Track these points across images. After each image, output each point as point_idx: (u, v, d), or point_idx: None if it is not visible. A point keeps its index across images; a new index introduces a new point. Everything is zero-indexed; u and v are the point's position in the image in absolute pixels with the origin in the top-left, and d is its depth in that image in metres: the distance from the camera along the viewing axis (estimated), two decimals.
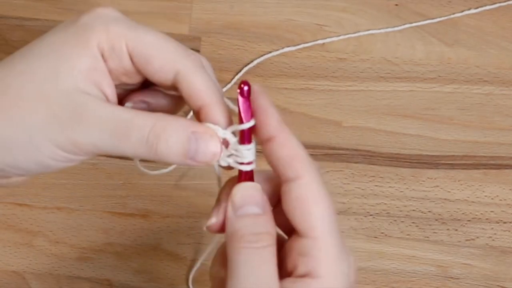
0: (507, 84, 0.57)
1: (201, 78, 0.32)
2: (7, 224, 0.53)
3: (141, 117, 0.31)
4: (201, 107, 0.32)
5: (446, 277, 0.53)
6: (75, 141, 0.31)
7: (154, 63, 0.32)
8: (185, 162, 0.32)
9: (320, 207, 0.31)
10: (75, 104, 0.31)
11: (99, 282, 0.52)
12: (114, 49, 0.31)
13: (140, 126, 0.31)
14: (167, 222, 0.53)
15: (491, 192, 0.55)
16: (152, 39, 0.32)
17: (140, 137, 0.31)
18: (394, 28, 0.58)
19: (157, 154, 0.31)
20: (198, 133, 0.31)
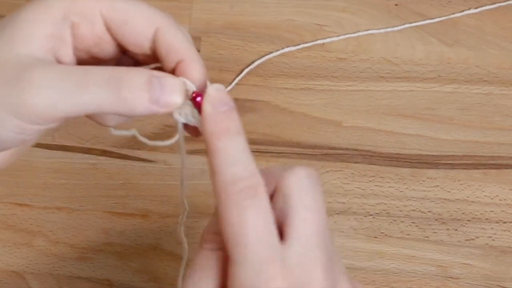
0: (507, 84, 0.57)
1: (181, 34, 0.32)
2: (7, 224, 0.53)
3: (98, 68, 0.30)
4: (179, 62, 0.32)
5: (446, 277, 0.53)
6: (29, 106, 0.29)
7: (133, 24, 0.31)
8: (151, 109, 0.30)
9: None
10: (26, 67, 0.30)
11: (99, 282, 0.52)
12: (85, 15, 0.31)
13: (98, 73, 0.30)
14: (167, 222, 0.53)
15: (491, 192, 0.55)
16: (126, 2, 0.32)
17: (100, 83, 0.30)
18: (393, 28, 0.58)
19: (121, 98, 0.30)
20: (160, 77, 0.31)
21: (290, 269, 0.29)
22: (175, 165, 0.54)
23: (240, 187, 0.29)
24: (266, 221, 0.29)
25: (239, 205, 0.29)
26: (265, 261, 0.29)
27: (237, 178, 0.30)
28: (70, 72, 0.30)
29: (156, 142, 0.41)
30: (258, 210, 0.29)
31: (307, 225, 0.30)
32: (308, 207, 0.30)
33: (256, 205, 0.29)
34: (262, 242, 0.29)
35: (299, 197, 0.30)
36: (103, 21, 0.31)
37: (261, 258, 0.29)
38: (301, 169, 0.31)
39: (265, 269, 0.28)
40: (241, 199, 0.29)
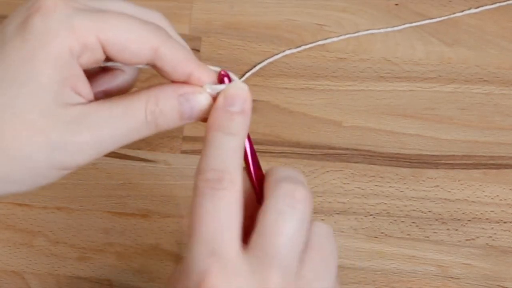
0: (507, 84, 0.57)
1: (180, 48, 0.32)
2: (7, 224, 0.53)
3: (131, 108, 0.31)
4: (189, 75, 0.32)
5: (446, 277, 0.53)
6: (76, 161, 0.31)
7: (131, 48, 0.31)
8: (185, 122, 0.33)
9: None
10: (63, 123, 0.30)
11: (99, 282, 0.52)
12: (86, 45, 0.30)
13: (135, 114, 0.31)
14: (167, 222, 0.53)
15: (491, 192, 0.55)
16: (120, 23, 0.31)
17: (141, 127, 0.31)
18: (394, 28, 0.58)
19: (158, 128, 0.32)
20: (186, 94, 0.32)
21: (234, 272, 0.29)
22: (175, 165, 0.54)
23: (207, 177, 0.30)
24: (225, 215, 0.30)
25: (203, 192, 0.30)
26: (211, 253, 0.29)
27: (208, 168, 0.31)
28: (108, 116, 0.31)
29: None
30: (220, 203, 0.30)
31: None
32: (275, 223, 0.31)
33: (219, 198, 0.30)
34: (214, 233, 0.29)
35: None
36: (101, 47, 0.31)
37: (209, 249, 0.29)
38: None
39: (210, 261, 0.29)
40: (207, 187, 0.30)
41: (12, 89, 0.30)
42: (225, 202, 0.30)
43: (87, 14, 0.30)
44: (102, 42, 0.31)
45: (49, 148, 0.30)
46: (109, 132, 0.31)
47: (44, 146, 0.30)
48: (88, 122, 0.30)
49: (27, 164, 0.30)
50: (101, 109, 0.31)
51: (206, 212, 0.29)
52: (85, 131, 0.30)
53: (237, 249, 0.30)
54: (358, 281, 0.53)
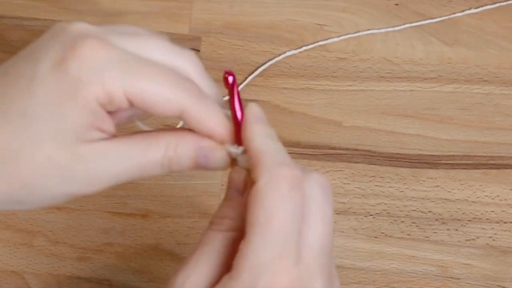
0: (507, 84, 0.57)
1: (206, 113, 0.32)
2: (7, 224, 0.53)
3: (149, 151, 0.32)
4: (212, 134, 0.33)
5: (446, 277, 0.53)
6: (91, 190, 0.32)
7: (156, 108, 0.31)
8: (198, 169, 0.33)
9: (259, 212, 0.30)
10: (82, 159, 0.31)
11: (99, 282, 0.52)
12: (112, 100, 0.31)
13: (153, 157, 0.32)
14: (167, 222, 0.53)
15: (492, 192, 0.55)
16: (150, 83, 0.31)
17: (156, 168, 0.33)
18: (394, 28, 0.58)
19: (170, 171, 0.33)
20: (205, 148, 0.33)
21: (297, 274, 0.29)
22: None
23: (287, 174, 0.30)
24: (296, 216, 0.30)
25: (281, 191, 0.30)
26: (282, 253, 0.29)
27: (286, 163, 0.31)
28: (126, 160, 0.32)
29: None
30: (295, 202, 0.30)
31: (320, 237, 0.30)
32: (323, 219, 0.31)
33: (296, 198, 0.30)
34: (285, 234, 0.29)
35: (317, 208, 0.31)
36: (127, 99, 0.31)
37: (280, 249, 0.29)
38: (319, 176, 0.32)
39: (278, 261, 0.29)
40: (285, 187, 0.30)
41: (36, 125, 0.30)
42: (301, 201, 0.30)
43: (118, 67, 0.31)
44: (129, 99, 0.31)
45: (64, 181, 0.31)
46: (124, 170, 0.32)
47: (59, 178, 0.31)
48: (105, 159, 0.31)
49: (40, 192, 0.31)
50: (119, 147, 0.32)
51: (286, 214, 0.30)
52: (100, 167, 0.31)
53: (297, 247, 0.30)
54: (358, 281, 0.53)
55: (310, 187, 0.31)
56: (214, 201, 0.53)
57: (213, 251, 0.31)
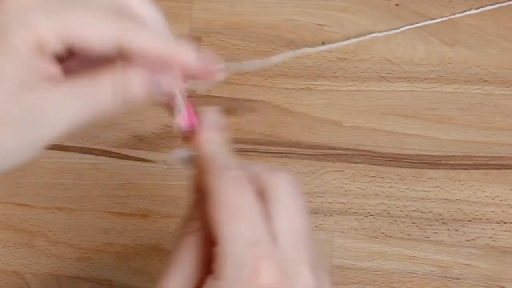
0: (508, 84, 0.57)
1: (144, 32, 0.32)
2: (7, 224, 0.53)
3: (98, 82, 0.31)
4: (163, 57, 0.32)
5: (446, 277, 0.53)
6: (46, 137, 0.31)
7: (92, 47, 0.31)
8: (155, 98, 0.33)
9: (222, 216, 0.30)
10: (27, 105, 0.30)
11: (99, 282, 0.52)
12: (44, 46, 0.30)
13: (103, 91, 0.31)
14: (167, 222, 0.53)
15: (492, 192, 0.55)
16: (81, 22, 0.31)
17: (108, 101, 0.31)
18: (397, 30, 0.58)
19: (127, 107, 0.32)
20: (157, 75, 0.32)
21: (278, 261, 0.30)
22: (175, 165, 0.54)
23: (235, 174, 0.31)
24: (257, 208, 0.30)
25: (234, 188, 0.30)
26: (256, 241, 0.30)
27: (231, 167, 0.32)
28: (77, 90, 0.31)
29: None
30: (251, 197, 0.30)
31: (293, 225, 0.31)
32: (293, 210, 0.31)
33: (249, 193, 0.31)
34: (254, 224, 0.30)
35: (285, 200, 0.31)
36: (59, 40, 0.31)
37: (253, 238, 0.30)
38: (284, 173, 0.32)
39: (255, 249, 0.29)
40: (236, 183, 0.30)
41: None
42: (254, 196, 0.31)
43: (47, 10, 0.30)
44: (61, 40, 0.30)
45: (17, 131, 0.31)
46: (75, 110, 0.31)
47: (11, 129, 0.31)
48: (53, 103, 0.31)
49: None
50: (66, 88, 0.31)
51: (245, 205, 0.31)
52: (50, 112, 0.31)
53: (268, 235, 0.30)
54: (358, 281, 0.53)
55: (276, 182, 0.32)
56: None
57: (189, 252, 0.31)
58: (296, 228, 0.31)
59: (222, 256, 0.30)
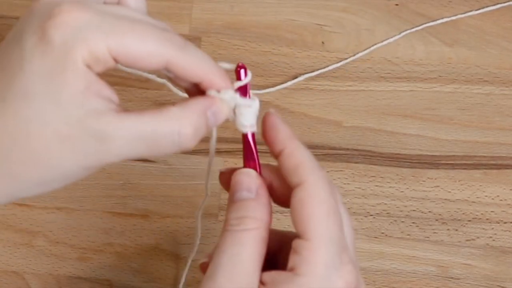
0: (508, 84, 0.57)
1: (191, 59, 0.33)
2: (7, 224, 0.53)
3: (165, 125, 0.32)
4: (201, 82, 0.33)
5: (446, 277, 0.53)
6: (106, 163, 0.32)
7: (142, 62, 0.32)
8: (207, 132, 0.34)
9: (317, 211, 0.31)
10: (94, 132, 0.31)
11: (99, 282, 0.52)
12: (98, 59, 0.31)
13: (167, 135, 0.32)
14: (167, 222, 0.53)
15: (492, 192, 0.55)
16: (133, 38, 0.31)
17: (170, 144, 0.32)
18: (398, 36, 0.58)
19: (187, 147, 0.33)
20: (212, 108, 0.33)
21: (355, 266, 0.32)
22: (175, 166, 0.54)
23: (326, 175, 0.33)
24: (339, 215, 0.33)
25: (332, 188, 0.33)
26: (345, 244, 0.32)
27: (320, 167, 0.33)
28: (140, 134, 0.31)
29: None
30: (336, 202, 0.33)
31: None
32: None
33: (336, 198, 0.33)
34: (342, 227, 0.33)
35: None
36: (112, 58, 0.31)
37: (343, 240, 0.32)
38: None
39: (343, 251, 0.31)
40: (332, 184, 0.33)
41: (37, 102, 0.30)
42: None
43: (99, 27, 0.31)
44: (113, 55, 0.31)
45: (78, 156, 0.31)
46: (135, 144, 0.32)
47: (73, 154, 0.31)
48: (117, 136, 0.31)
49: (56, 169, 0.31)
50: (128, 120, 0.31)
51: None
52: (113, 144, 0.31)
53: None
54: None
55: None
56: (214, 201, 0.53)
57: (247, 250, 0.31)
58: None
59: (312, 252, 0.30)
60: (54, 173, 0.32)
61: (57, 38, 0.30)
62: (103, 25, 0.31)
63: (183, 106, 0.33)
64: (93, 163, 0.31)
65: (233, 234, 0.32)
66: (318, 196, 0.32)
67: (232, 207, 0.33)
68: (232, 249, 0.31)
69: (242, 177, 0.34)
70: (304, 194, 0.32)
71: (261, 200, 0.33)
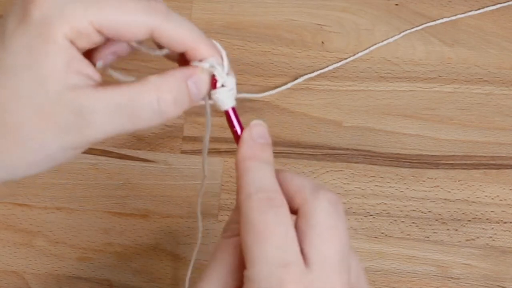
0: (508, 84, 0.57)
1: (176, 26, 0.33)
2: (7, 224, 0.53)
3: (143, 92, 0.32)
4: (186, 50, 0.34)
5: (446, 277, 0.53)
6: (87, 141, 0.31)
7: (126, 33, 0.32)
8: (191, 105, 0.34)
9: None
10: (73, 107, 0.30)
11: (99, 282, 0.52)
12: (80, 33, 0.31)
13: (147, 102, 0.32)
14: (167, 222, 0.53)
15: (492, 192, 0.55)
16: (115, 8, 0.31)
17: (151, 113, 0.32)
18: (398, 36, 0.58)
19: (169, 117, 0.33)
20: (193, 78, 0.33)
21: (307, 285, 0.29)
22: (175, 165, 0.54)
23: (264, 196, 0.31)
24: (287, 228, 0.30)
25: (261, 210, 0.30)
26: (284, 263, 0.29)
27: (260, 189, 0.31)
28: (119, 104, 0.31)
29: None
30: (280, 217, 0.30)
31: (330, 248, 0.30)
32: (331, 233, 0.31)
33: (278, 213, 0.30)
34: (282, 244, 0.29)
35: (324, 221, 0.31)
36: (96, 31, 0.31)
37: (281, 260, 0.29)
38: (327, 192, 0.32)
39: (283, 272, 0.29)
40: (263, 205, 0.30)
41: (17, 78, 0.30)
42: (286, 217, 0.30)
43: (83, 3, 0.31)
44: (96, 27, 0.31)
45: (59, 132, 0.31)
46: (116, 118, 0.31)
47: (54, 130, 0.31)
48: (96, 109, 0.31)
49: (39, 148, 0.31)
50: (107, 93, 0.31)
51: (272, 226, 0.30)
52: (93, 117, 0.31)
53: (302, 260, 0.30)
54: None
55: (317, 202, 0.31)
56: (214, 201, 0.53)
57: (225, 257, 0.31)
58: (333, 251, 0.30)
59: (249, 279, 0.29)
60: (36, 153, 0.31)
61: (37, 15, 0.30)
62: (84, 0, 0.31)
63: (162, 75, 0.33)
64: (76, 139, 0.31)
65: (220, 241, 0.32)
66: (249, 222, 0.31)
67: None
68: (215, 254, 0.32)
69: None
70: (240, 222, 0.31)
71: None
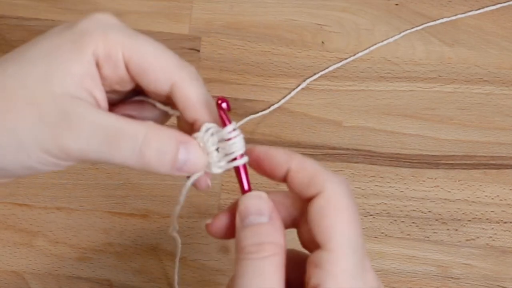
0: (507, 84, 0.57)
1: (196, 92, 0.33)
2: (7, 224, 0.53)
3: (133, 126, 0.31)
4: (195, 121, 0.33)
5: (446, 277, 0.53)
6: (63, 147, 0.31)
7: (150, 74, 0.32)
8: (170, 172, 0.32)
9: (340, 220, 0.30)
10: (64, 109, 0.30)
11: (99, 282, 0.52)
12: (110, 56, 0.31)
13: (132, 135, 0.31)
14: (167, 222, 0.53)
15: (492, 192, 0.55)
16: (150, 49, 0.32)
17: (131, 147, 0.31)
18: (398, 35, 0.58)
19: (146, 164, 0.31)
20: (187, 145, 0.32)
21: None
22: None
23: (344, 180, 0.31)
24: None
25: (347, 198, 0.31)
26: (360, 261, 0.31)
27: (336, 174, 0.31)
28: (107, 125, 0.31)
29: None
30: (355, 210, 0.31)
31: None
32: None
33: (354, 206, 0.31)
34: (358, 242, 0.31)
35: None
36: (124, 64, 0.32)
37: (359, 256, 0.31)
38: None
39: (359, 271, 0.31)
40: (348, 192, 0.31)
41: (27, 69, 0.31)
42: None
43: (123, 31, 0.32)
44: (126, 60, 0.31)
45: (39, 121, 0.31)
46: (98, 143, 0.31)
47: (34, 117, 0.30)
48: (84, 121, 0.31)
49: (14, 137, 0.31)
50: (99, 119, 0.31)
51: None
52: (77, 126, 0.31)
53: None
54: None
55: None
56: (214, 201, 0.53)
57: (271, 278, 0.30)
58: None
59: (336, 264, 0.29)
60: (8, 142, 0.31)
61: (81, 25, 0.32)
62: (127, 31, 0.32)
63: (161, 126, 0.32)
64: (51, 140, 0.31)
65: (254, 263, 0.30)
66: (339, 204, 0.30)
67: (245, 233, 0.31)
68: (256, 280, 0.29)
69: (253, 201, 0.32)
70: (324, 203, 0.30)
71: (276, 223, 0.31)
